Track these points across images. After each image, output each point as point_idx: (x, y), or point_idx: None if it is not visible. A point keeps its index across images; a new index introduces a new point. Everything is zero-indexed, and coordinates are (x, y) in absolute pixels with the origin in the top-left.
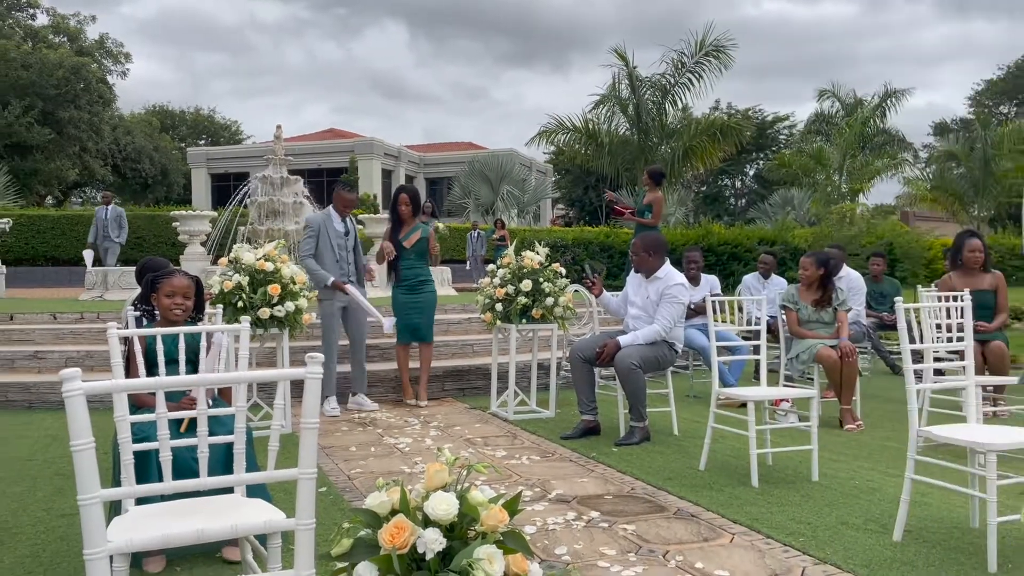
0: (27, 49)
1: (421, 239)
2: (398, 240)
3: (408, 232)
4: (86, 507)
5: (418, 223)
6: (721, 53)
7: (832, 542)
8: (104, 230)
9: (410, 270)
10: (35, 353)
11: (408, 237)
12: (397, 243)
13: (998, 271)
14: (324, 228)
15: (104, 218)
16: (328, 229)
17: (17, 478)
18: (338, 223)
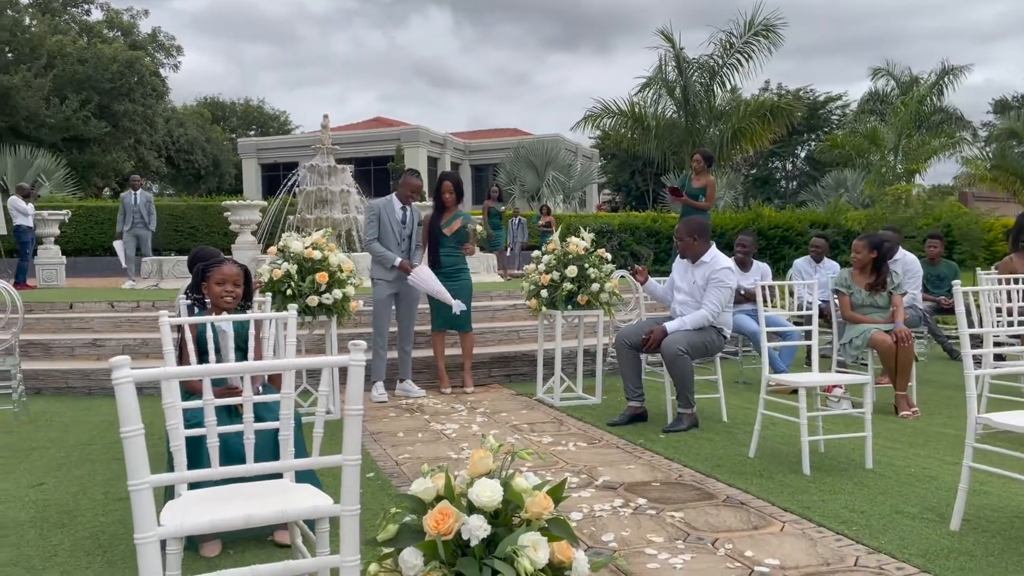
0: (83, 44)
1: (462, 227)
2: (438, 227)
3: (449, 219)
4: (136, 492)
5: (459, 210)
6: (771, 32)
7: (886, 531)
8: (137, 217)
9: (448, 257)
10: (94, 341)
11: (449, 224)
12: (437, 230)
13: None
14: (384, 213)
15: (135, 204)
16: (388, 215)
17: (78, 462)
18: (398, 209)
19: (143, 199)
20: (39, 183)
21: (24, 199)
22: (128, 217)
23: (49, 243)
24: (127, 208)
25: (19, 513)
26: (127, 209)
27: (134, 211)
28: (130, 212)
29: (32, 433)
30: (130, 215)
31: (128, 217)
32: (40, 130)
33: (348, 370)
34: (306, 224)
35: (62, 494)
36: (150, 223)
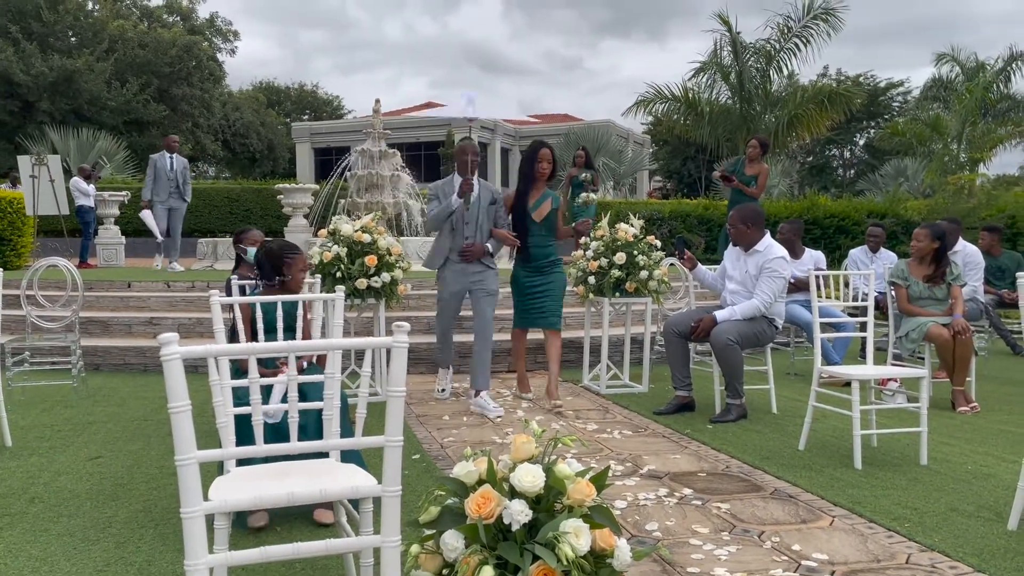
0: (143, 29)
1: (553, 211)
2: (525, 209)
3: (538, 200)
4: (183, 467)
5: (547, 190)
6: (830, 16)
7: (940, 529)
8: (172, 186)
9: (539, 248)
10: (151, 319)
11: (538, 207)
12: (523, 213)
13: None
14: (444, 195)
15: (170, 169)
16: (449, 193)
17: (133, 437)
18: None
19: (180, 164)
20: (100, 165)
21: (86, 180)
22: (161, 185)
23: (109, 223)
24: (160, 173)
25: (76, 485)
26: (160, 174)
27: (169, 178)
28: (164, 179)
29: (90, 408)
30: (164, 183)
31: (161, 185)
32: (102, 113)
33: (391, 351)
34: (356, 208)
35: (117, 468)
36: (186, 193)
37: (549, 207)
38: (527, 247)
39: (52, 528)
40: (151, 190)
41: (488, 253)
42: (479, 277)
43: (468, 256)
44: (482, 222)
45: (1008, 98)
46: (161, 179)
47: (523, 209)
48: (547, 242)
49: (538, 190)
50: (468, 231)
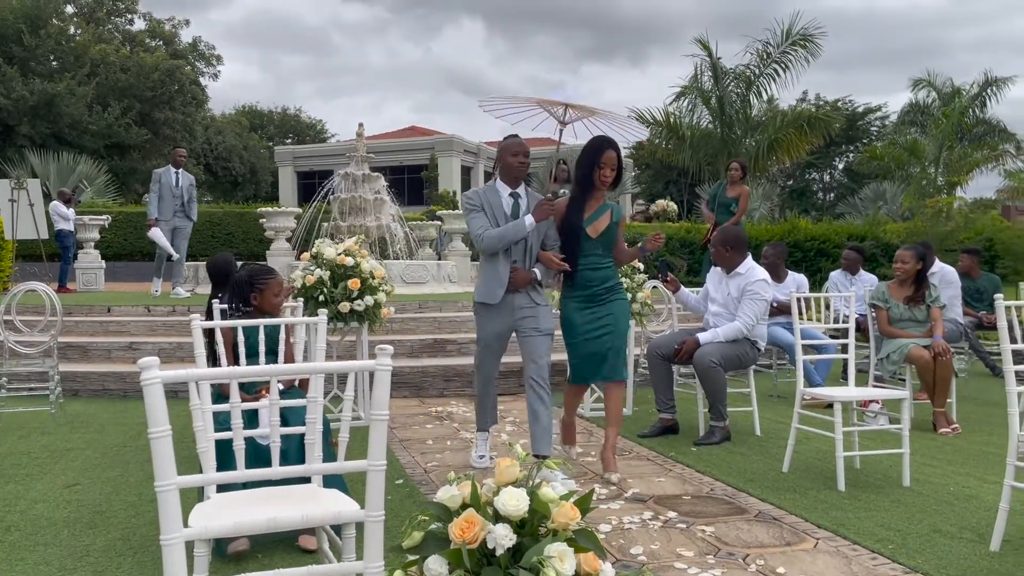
0: (125, 53)
1: (612, 225)
2: (578, 224)
3: (596, 212)
4: (163, 493)
5: (606, 201)
6: (808, 42)
7: (924, 550)
8: (177, 204)
9: (594, 271)
10: (130, 344)
11: (594, 220)
12: (576, 228)
13: None
14: (488, 203)
15: (176, 186)
16: (493, 205)
17: (112, 463)
18: (506, 196)
19: (186, 181)
20: (80, 189)
21: (65, 204)
22: (166, 203)
23: (89, 247)
24: (166, 190)
25: (53, 513)
26: (165, 191)
27: (175, 195)
28: (169, 196)
29: (68, 434)
30: (169, 200)
31: (166, 203)
32: (83, 137)
33: (374, 375)
34: (339, 231)
35: (95, 495)
36: (191, 212)
37: (608, 220)
38: (577, 270)
39: (28, 557)
40: (155, 208)
41: (536, 282)
42: (527, 313)
43: (511, 286)
44: (532, 242)
45: (984, 123)
46: (166, 196)
47: (576, 223)
48: (604, 263)
49: (596, 200)
50: (515, 253)
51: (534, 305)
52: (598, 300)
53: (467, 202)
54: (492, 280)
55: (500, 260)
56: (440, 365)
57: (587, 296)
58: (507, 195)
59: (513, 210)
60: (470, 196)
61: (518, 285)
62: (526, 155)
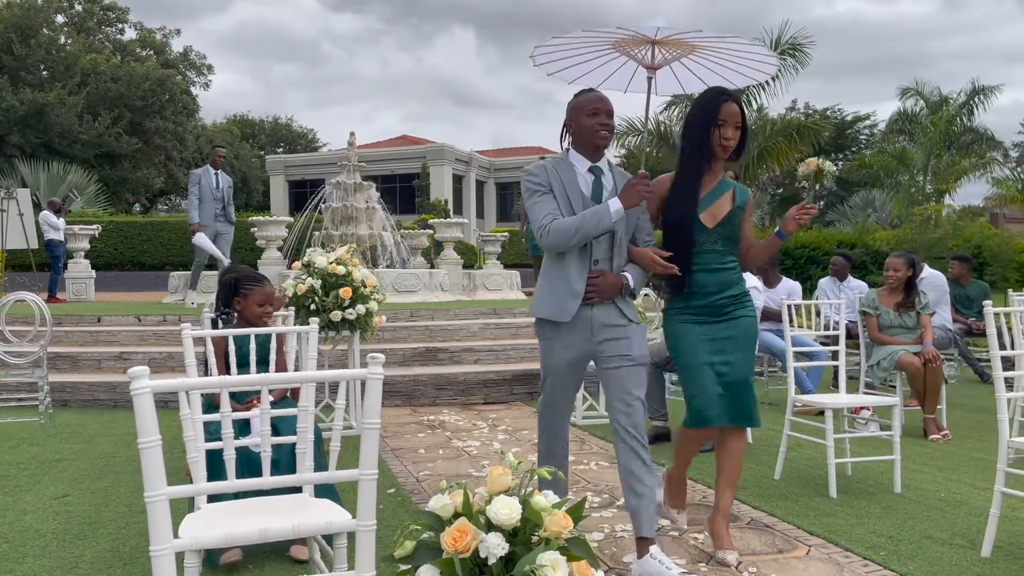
0: (116, 63)
1: (737, 209)
2: (691, 207)
3: (713, 192)
4: (152, 504)
5: (725, 177)
6: (798, 51)
7: (915, 557)
8: (218, 207)
9: (714, 274)
10: (120, 354)
11: (712, 203)
12: (688, 214)
13: None
14: (558, 180)
15: (216, 187)
16: (566, 183)
17: (101, 474)
18: (583, 173)
19: (225, 182)
20: (71, 198)
21: (55, 214)
22: (207, 207)
23: (79, 257)
24: (207, 193)
25: (42, 524)
26: (206, 195)
27: (215, 198)
28: (209, 199)
29: (57, 445)
30: (209, 204)
31: (207, 207)
32: (73, 146)
33: (365, 383)
34: (331, 240)
35: (85, 506)
36: (231, 215)
37: (729, 204)
38: (690, 272)
39: (17, 569)
40: (196, 212)
41: (628, 291)
42: (614, 334)
43: (594, 297)
44: (620, 236)
45: (971, 131)
46: (207, 199)
47: (686, 208)
48: (725, 262)
49: (712, 175)
50: (598, 252)
51: (624, 323)
52: (719, 314)
53: (529, 180)
54: (561, 288)
55: (573, 261)
56: (432, 374)
57: (704, 308)
58: (584, 171)
59: (594, 191)
60: (533, 172)
61: (602, 295)
62: (609, 115)
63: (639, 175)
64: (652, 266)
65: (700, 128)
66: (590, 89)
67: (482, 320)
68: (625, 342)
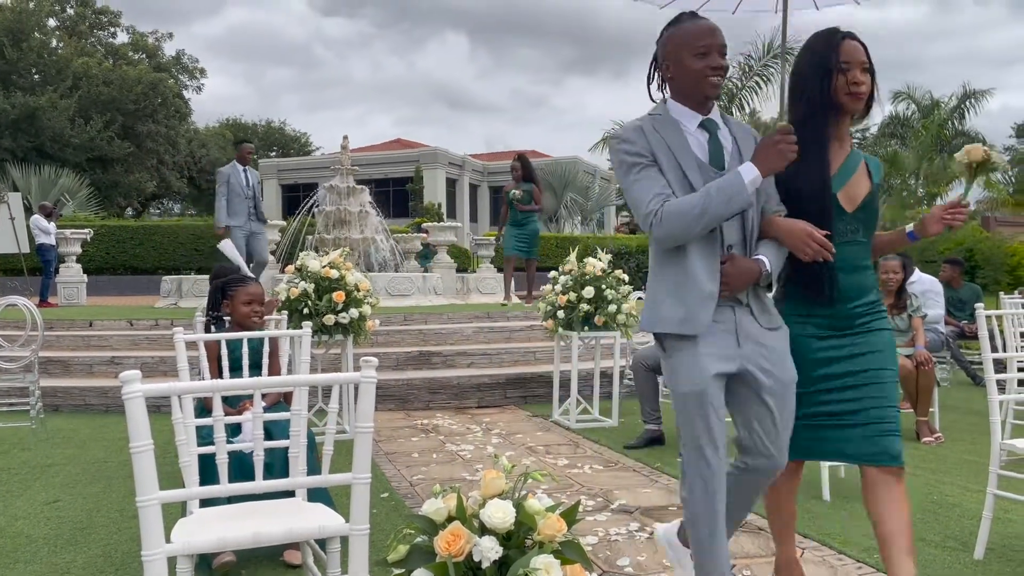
0: (108, 66)
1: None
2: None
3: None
4: (144, 508)
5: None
6: (790, 55)
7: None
8: (249, 205)
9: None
10: (112, 359)
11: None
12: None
13: None
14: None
15: (246, 185)
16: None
17: (93, 479)
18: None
19: (254, 179)
20: (62, 202)
21: (46, 218)
22: (238, 205)
23: (71, 261)
24: (236, 190)
25: (33, 530)
26: (235, 192)
27: (246, 196)
28: (240, 197)
29: (49, 450)
30: (240, 202)
31: (238, 205)
32: (65, 150)
33: (359, 387)
34: (324, 244)
35: (76, 511)
36: (262, 213)
37: (867, 182)
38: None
39: (8, 575)
40: (224, 213)
41: (767, 280)
42: (760, 344)
43: (728, 288)
44: (752, 213)
45: (963, 134)
46: (237, 197)
47: (821, 183)
48: (863, 258)
49: (841, 143)
50: (730, 235)
51: (772, 327)
52: (855, 325)
53: (623, 149)
54: (688, 290)
55: (698, 252)
56: (425, 377)
57: (835, 316)
58: (694, 128)
59: (712, 154)
60: (627, 138)
61: (732, 286)
62: (723, 52)
63: (781, 128)
64: (803, 246)
65: (817, 77)
66: (693, 14)
67: (476, 324)
68: (774, 354)
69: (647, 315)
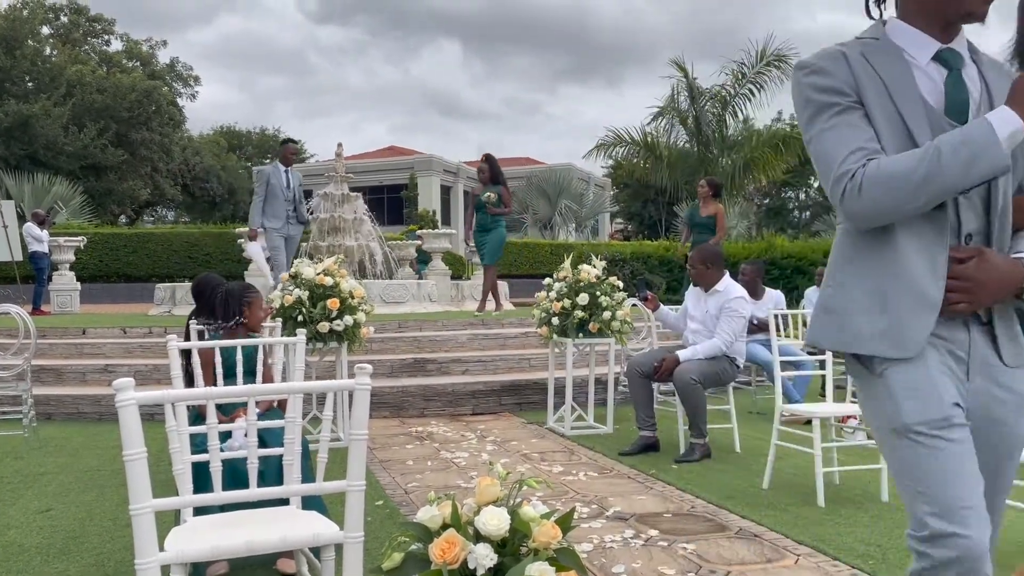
0: (102, 74)
1: None
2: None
3: None
4: (137, 517)
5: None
6: (783, 63)
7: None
8: (289, 208)
9: None
10: (106, 367)
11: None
12: None
13: None
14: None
15: (287, 186)
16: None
17: (86, 488)
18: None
19: (296, 180)
20: (55, 210)
21: (39, 225)
22: (277, 207)
23: (64, 269)
24: (276, 192)
25: (25, 539)
26: (275, 193)
27: (286, 198)
28: (279, 199)
29: (41, 459)
30: (280, 204)
31: (277, 207)
32: (58, 158)
33: (353, 394)
34: (319, 251)
35: (69, 520)
36: (303, 215)
37: None
38: None
39: None
40: (259, 214)
41: None
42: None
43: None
44: (1004, 189)
45: None
46: (276, 199)
47: None
48: None
49: None
50: (968, 219)
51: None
52: None
53: (812, 84)
54: (897, 293)
55: (915, 237)
56: (420, 385)
57: None
58: (926, 60)
59: (951, 99)
60: (819, 67)
61: (977, 298)
62: None
63: None
64: None
65: None
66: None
67: (470, 331)
68: (1006, 399)
69: (825, 327)
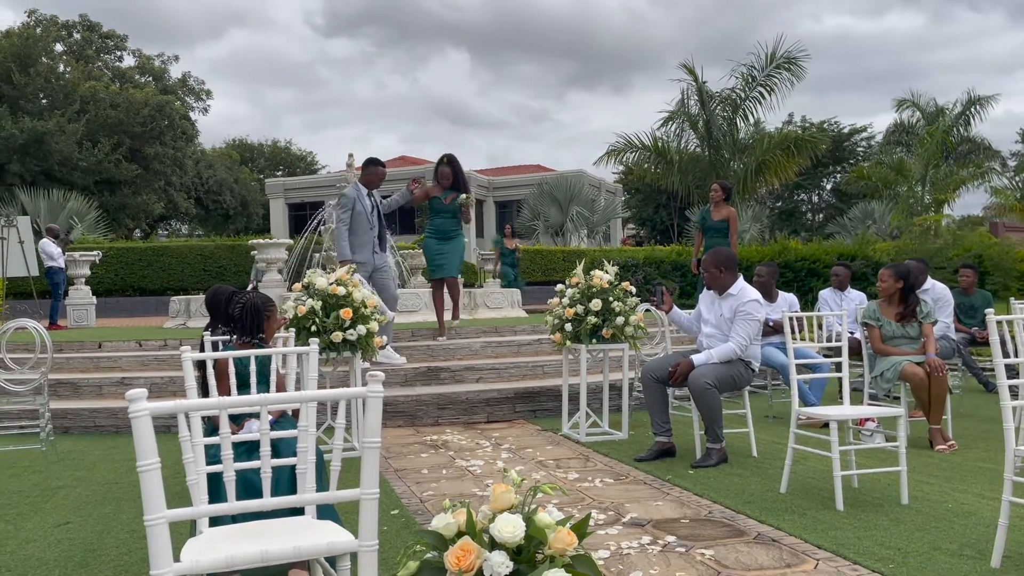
0: (115, 89)
1: None
2: None
3: None
4: (152, 527)
5: None
6: (793, 65)
7: (924, 568)
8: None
9: None
10: (122, 380)
11: None
12: None
13: None
14: None
15: (371, 211)
16: None
17: (103, 501)
18: None
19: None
20: (71, 225)
21: (54, 240)
22: (362, 237)
23: (80, 284)
24: (361, 219)
25: (44, 552)
26: (361, 221)
27: (371, 225)
28: (366, 227)
29: (59, 472)
30: (365, 234)
31: (362, 237)
32: (73, 173)
33: (365, 402)
34: (331, 261)
35: (87, 533)
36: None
37: None
38: None
39: None
40: (348, 244)
41: None
42: None
43: None
44: None
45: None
46: (362, 226)
47: None
48: None
49: None
50: None
51: None
52: None
53: None
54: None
55: None
56: (434, 393)
57: None
58: None
59: None
60: None
61: None
62: None
63: None
64: None
65: None
66: None
67: (483, 338)
68: None
69: None
